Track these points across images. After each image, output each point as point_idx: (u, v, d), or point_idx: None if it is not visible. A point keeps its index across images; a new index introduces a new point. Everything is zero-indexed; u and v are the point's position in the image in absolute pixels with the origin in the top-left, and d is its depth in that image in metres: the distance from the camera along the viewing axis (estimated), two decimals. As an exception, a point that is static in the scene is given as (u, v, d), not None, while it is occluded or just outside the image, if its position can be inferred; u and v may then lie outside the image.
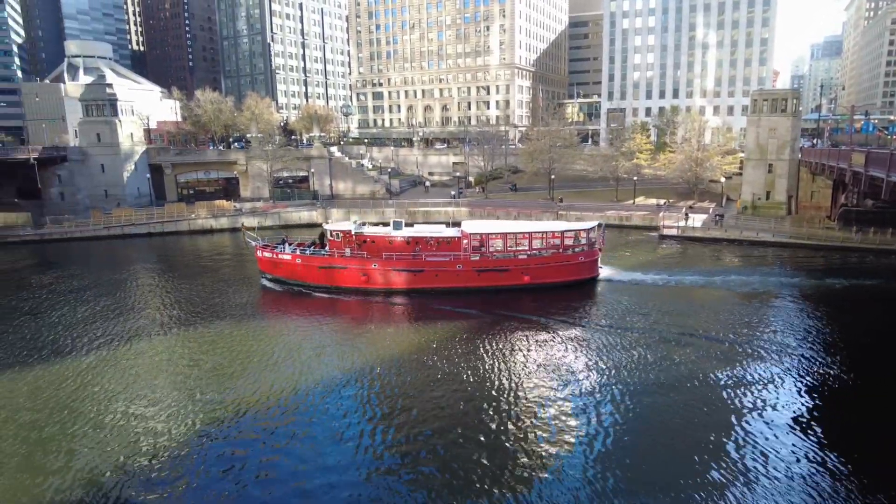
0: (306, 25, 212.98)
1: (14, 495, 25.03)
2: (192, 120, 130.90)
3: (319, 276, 55.74)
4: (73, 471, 26.34)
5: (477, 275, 53.14)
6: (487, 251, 53.79)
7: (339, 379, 35.24)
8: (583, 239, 54.75)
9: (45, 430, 29.95)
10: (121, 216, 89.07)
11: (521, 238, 54.16)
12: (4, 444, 28.74)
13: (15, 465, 26.94)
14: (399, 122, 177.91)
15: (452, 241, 54.07)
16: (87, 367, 38.03)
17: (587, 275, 54.84)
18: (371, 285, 54.23)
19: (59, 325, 46.85)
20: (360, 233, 55.53)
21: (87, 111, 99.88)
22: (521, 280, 53.13)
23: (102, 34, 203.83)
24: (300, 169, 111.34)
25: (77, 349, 41.40)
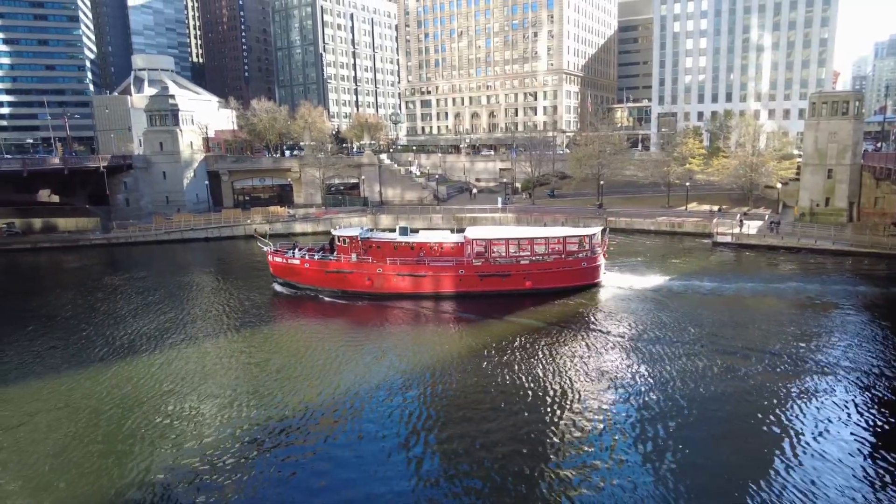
0: (357, 35, 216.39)
1: (71, 487, 26.01)
2: (248, 129, 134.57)
3: (327, 281, 56.85)
4: (130, 466, 27.24)
5: (479, 280, 53.87)
6: (490, 257, 54.51)
7: (367, 384, 35.42)
8: (585, 245, 55.05)
9: (103, 424, 31.11)
10: (181, 221, 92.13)
11: (522, 244, 54.91)
12: (66, 436, 30.03)
13: (75, 458, 28.07)
14: (446, 129, 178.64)
15: (456, 246, 55.07)
16: (149, 365, 39.41)
17: (589, 280, 55.03)
18: (376, 290, 55.05)
19: (124, 324, 48.76)
20: (366, 238, 57.07)
21: (151, 121, 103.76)
22: (522, 285, 53.54)
23: (166, 48, 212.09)
24: (351, 176, 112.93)
25: (140, 348, 42.97)
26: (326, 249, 59.29)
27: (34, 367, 39.81)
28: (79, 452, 28.57)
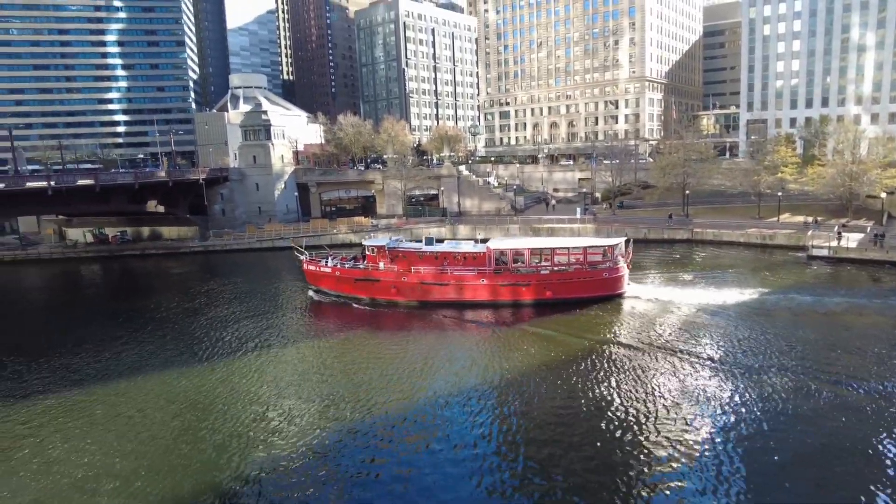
0: (438, 50, 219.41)
1: (152, 482, 27.32)
2: (335, 142, 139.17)
3: (355, 288, 58.69)
4: (222, 461, 28.42)
5: (500, 289, 54.33)
6: (510, 266, 54.82)
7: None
8: (607, 255, 54.58)
9: (201, 420, 32.72)
10: (271, 230, 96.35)
11: (543, 254, 55.37)
12: (149, 433, 31.70)
13: (155, 455, 29.53)
14: (525, 139, 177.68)
15: (478, 256, 55.38)
16: (236, 367, 41.24)
17: (611, 291, 54.19)
18: (401, 297, 56.48)
19: (219, 326, 51.39)
20: (393, 248, 57.95)
21: (246, 136, 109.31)
22: (543, 295, 53.57)
23: (259, 67, 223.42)
24: (431, 187, 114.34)
25: (231, 350, 45.09)
26: (359, 259, 60.85)
27: (144, 365, 42.57)
28: (178, 445, 30.21)
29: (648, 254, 76.15)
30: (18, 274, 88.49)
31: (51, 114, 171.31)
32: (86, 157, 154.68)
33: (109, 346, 47.03)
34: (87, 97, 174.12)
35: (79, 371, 41.84)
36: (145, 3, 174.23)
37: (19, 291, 78.94)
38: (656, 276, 63.66)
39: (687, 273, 64.43)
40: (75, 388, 38.55)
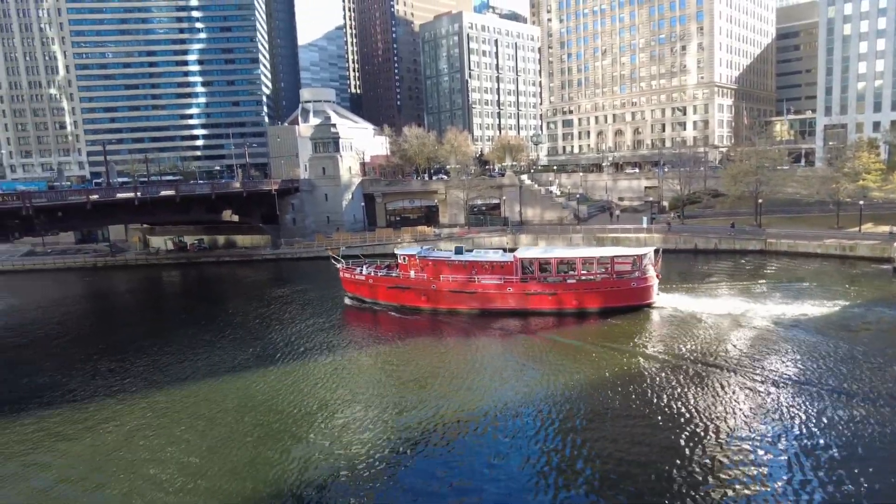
0: (501, 60, 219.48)
1: (225, 480, 28.22)
2: (400, 154, 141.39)
3: (387, 295, 60.31)
4: (280, 466, 29.15)
5: (526, 297, 54.69)
6: (536, 275, 54.94)
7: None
8: (636, 265, 53.87)
9: (269, 421, 33.72)
10: (339, 239, 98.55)
11: (569, 263, 55.11)
12: (224, 433, 32.82)
13: (228, 454, 30.51)
14: (588, 147, 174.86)
15: (505, 265, 55.67)
16: (308, 371, 42.34)
17: (638, 301, 53.53)
18: (430, 305, 57.68)
19: (288, 331, 52.92)
20: (424, 256, 58.84)
21: (315, 148, 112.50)
22: (569, 304, 53.68)
23: (328, 81, 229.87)
24: (493, 197, 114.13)
25: (301, 354, 46.38)
26: (392, 267, 62.13)
27: (221, 367, 44.38)
28: (251, 446, 31.23)
29: (716, 265, 73.36)
30: (109, 278, 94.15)
31: (139, 129, 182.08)
32: (168, 170, 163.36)
33: (189, 349, 49.27)
34: (171, 113, 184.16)
35: (162, 371, 44.02)
36: (223, 24, 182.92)
37: (109, 295, 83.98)
38: (724, 288, 61.04)
39: (758, 285, 61.57)
40: (158, 388, 40.57)
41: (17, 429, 35.13)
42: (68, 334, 58.93)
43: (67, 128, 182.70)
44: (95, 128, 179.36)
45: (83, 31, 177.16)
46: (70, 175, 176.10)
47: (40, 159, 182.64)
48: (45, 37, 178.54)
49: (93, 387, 41.46)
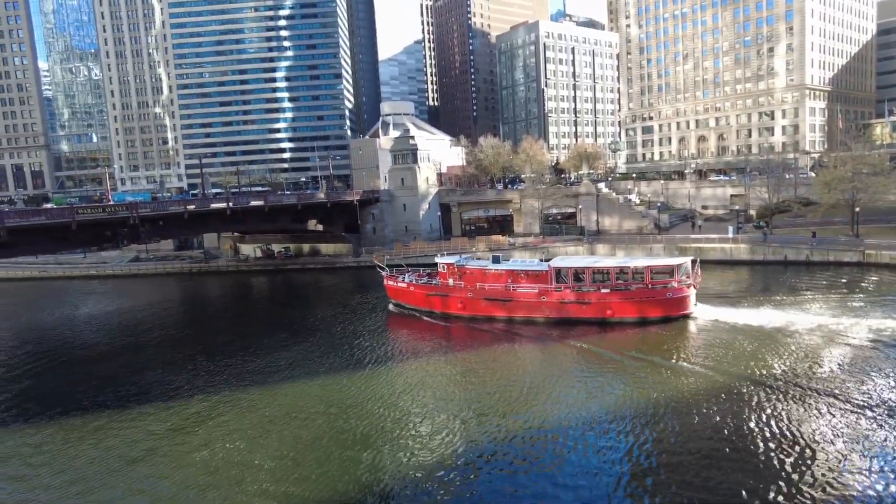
0: (578, 68, 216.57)
1: (300, 481, 29.08)
2: (475, 164, 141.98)
3: (427, 303, 61.93)
4: (362, 467, 29.82)
5: (561, 306, 55.01)
6: (571, 284, 55.08)
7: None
8: (672, 275, 53.35)
9: (343, 427, 34.60)
10: (416, 248, 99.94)
11: (604, 272, 55.41)
12: (300, 438, 33.81)
13: (305, 455, 31.46)
14: (669, 154, 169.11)
15: (540, 274, 56.21)
16: (385, 375, 43.23)
17: (674, 311, 52.90)
18: (467, 312, 58.81)
19: (366, 338, 54.26)
20: (462, 265, 59.91)
21: (395, 160, 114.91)
22: (603, 314, 53.53)
23: (407, 94, 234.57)
24: (568, 205, 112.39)
25: (377, 359, 47.49)
26: (434, 275, 63.47)
27: (302, 369, 46.12)
28: (329, 449, 32.20)
29: (805, 278, 68.86)
30: (203, 283, 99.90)
31: (231, 143, 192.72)
32: (257, 181, 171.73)
33: (274, 352, 51.45)
34: (260, 128, 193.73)
35: (249, 374, 46.18)
36: (308, 42, 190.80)
37: (203, 299, 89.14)
38: (814, 301, 57.10)
39: (855, 300, 57.21)
40: (245, 389, 42.58)
41: (116, 424, 37.79)
42: (167, 336, 62.97)
43: (169, 143, 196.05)
44: (193, 143, 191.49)
45: (184, 54, 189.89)
46: (170, 187, 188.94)
47: (145, 172, 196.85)
48: (152, 60, 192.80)
49: (187, 386, 44.05)
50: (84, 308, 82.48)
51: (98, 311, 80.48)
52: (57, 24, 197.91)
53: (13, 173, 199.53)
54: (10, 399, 44.59)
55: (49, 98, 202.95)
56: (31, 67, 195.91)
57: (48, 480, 30.83)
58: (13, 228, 56.43)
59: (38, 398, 44.06)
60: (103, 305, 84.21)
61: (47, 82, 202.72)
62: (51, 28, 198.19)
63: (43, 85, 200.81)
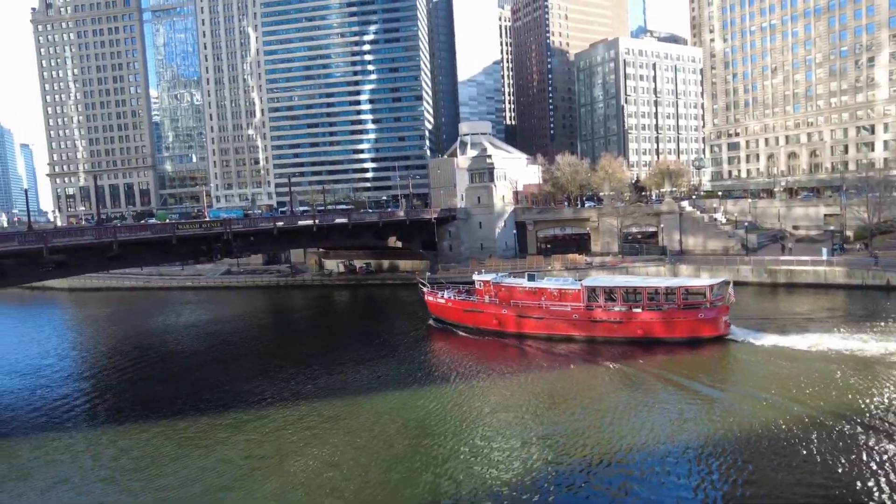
0: (659, 84, 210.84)
1: (375, 495, 29.43)
2: (552, 182, 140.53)
3: (463, 318, 63.41)
4: (429, 486, 29.82)
5: (592, 325, 55.18)
6: (602, 303, 55.15)
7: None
8: (704, 296, 53.24)
9: (415, 442, 34.79)
10: (491, 265, 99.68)
11: (635, 292, 55.47)
12: (379, 448, 34.21)
13: (381, 468, 31.76)
14: (757, 171, 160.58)
15: (572, 292, 56.61)
16: (456, 392, 43.20)
17: (707, 332, 52.32)
18: (501, 328, 59.85)
19: (440, 353, 54.78)
20: (498, 282, 61.34)
21: (472, 179, 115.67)
22: (634, 333, 53.35)
23: (485, 114, 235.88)
24: (649, 224, 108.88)
25: (448, 376, 47.69)
26: (472, 292, 64.82)
27: (380, 383, 47.14)
28: (404, 464, 32.53)
29: None
30: (289, 296, 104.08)
31: (317, 163, 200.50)
32: (341, 199, 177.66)
33: (354, 363, 52.86)
34: (345, 148, 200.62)
35: (329, 384, 47.66)
36: (391, 66, 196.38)
37: (289, 311, 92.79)
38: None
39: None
40: (325, 399, 43.96)
41: (205, 428, 39.80)
42: (256, 346, 65.98)
43: (260, 163, 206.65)
44: (282, 162, 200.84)
45: (276, 80, 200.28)
46: (261, 204, 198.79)
47: (238, 190, 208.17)
48: (247, 86, 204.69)
49: (275, 395, 45.89)
50: (181, 317, 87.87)
51: (194, 320, 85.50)
52: (166, 55, 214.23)
53: (124, 191, 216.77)
54: (108, 399, 48.19)
55: (157, 122, 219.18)
56: (144, 95, 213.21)
57: (139, 483, 32.78)
58: (123, 242, 61.08)
59: (135, 400, 47.36)
60: (198, 315, 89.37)
61: (156, 108, 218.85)
62: (161, 59, 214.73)
63: (152, 111, 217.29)
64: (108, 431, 40.58)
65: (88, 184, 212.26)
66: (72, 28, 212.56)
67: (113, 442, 38.62)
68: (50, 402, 47.02)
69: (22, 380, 54.74)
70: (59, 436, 39.89)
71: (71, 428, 41.45)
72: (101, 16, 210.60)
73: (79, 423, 42.43)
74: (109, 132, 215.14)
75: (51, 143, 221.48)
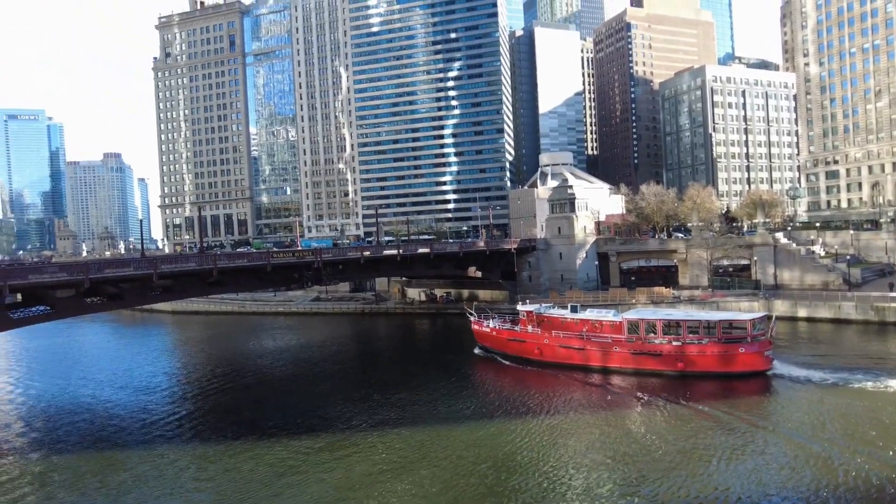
0: (749, 111, 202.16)
1: None
2: (636, 212, 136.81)
3: (506, 346, 64.61)
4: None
5: (632, 357, 55.19)
6: (643, 336, 55.12)
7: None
8: (744, 330, 52.83)
9: (486, 476, 34.32)
10: (572, 297, 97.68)
11: (675, 325, 55.15)
12: (451, 479, 34.04)
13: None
14: (860, 201, 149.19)
15: (614, 325, 56.76)
16: (530, 429, 42.42)
17: (748, 367, 51.91)
18: (542, 358, 60.21)
19: (519, 385, 54.26)
20: (541, 313, 62.44)
21: (552, 209, 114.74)
22: (674, 366, 53.33)
23: (566, 145, 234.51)
24: (741, 257, 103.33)
25: (524, 410, 47.21)
26: (517, 321, 65.45)
27: (456, 413, 47.18)
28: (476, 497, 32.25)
29: None
30: (373, 323, 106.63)
31: (402, 195, 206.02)
32: (424, 230, 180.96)
33: (434, 392, 53.35)
34: (428, 181, 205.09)
35: (410, 412, 48.34)
36: (474, 100, 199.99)
37: (373, 338, 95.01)
38: None
39: None
40: (405, 427, 44.74)
41: (290, 450, 41.19)
42: (341, 370, 68.00)
43: (349, 195, 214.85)
44: (369, 194, 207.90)
45: (365, 116, 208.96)
46: (348, 234, 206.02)
47: (328, 221, 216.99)
48: (338, 122, 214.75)
49: (358, 420, 46.97)
50: (274, 342, 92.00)
51: (285, 345, 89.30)
52: (265, 95, 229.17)
53: (224, 221, 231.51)
54: (209, 419, 50.99)
55: (255, 157, 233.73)
56: (244, 132, 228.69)
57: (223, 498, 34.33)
58: (222, 269, 65.11)
59: (233, 421, 49.85)
60: (289, 340, 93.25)
61: (255, 144, 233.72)
62: (260, 98, 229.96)
63: (251, 146, 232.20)
64: (209, 450, 42.86)
65: (193, 214, 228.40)
66: (185, 73, 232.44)
67: (214, 460, 40.77)
68: (157, 419, 50.46)
69: (134, 395, 59.13)
70: (164, 451, 42.70)
71: (175, 444, 44.24)
72: (211, 61, 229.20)
73: (183, 440, 45.21)
74: (213, 167, 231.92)
75: (163, 178, 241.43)
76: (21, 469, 40.28)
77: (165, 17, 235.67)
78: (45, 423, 51.35)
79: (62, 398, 59.27)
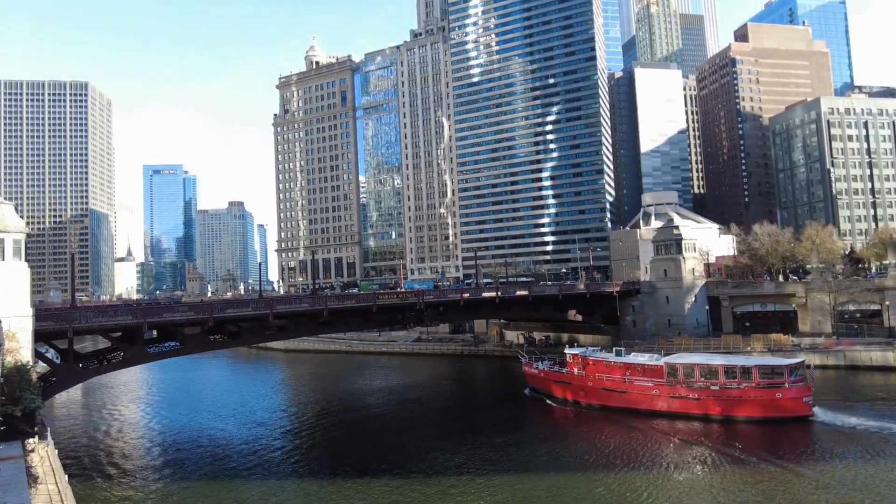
0: (873, 143, 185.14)
1: None
2: (749, 253, 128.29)
3: (553, 388, 67.28)
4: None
5: (672, 400, 56.41)
6: (682, 380, 56.44)
7: None
8: (781, 376, 52.90)
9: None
10: (680, 344, 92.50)
11: (712, 370, 55.83)
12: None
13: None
14: None
15: (655, 368, 58.16)
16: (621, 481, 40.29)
17: (785, 413, 51.99)
18: (586, 400, 62.75)
19: (612, 435, 51.59)
20: (585, 356, 64.55)
21: (657, 250, 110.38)
22: (712, 410, 54.25)
23: (670, 184, 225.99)
24: (870, 302, 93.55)
25: (614, 460, 44.64)
26: (564, 364, 67.52)
27: (554, 460, 45.65)
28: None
29: None
30: (471, 365, 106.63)
31: (501, 238, 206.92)
32: (522, 272, 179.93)
33: (531, 438, 52.11)
34: (526, 223, 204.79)
35: (506, 457, 47.54)
36: (573, 143, 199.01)
37: (471, 380, 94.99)
38: None
39: None
40: (512, 474, 44.03)
41: (392, 488, 41.60)
42: (440, 411, 68.58)
43: (449, 238, 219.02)
44: (469, 238, 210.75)
45: (465, 162, 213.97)
46: (449, 276, 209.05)
47: (430, 263, 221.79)
48: (440, 169, 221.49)
49: (457, 461, 46.96)
50: (378, 380, 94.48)
51: (388, 384, 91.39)
52: (374, 145, 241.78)
53: (334, 264, 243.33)
54: (313, 453, 52.93)
55: (363, 204, 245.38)
56: (355, 181, 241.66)
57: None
58: (332, 310, 68.30)
59: (338, 456, 51.72)
60: (392, 380, 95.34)
61: (363, 191, 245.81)
62: (369, 149, 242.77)
63: (361, 194, 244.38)
64: (313, 484, 44.54)
65: (307, 257, 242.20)
66: (301, 128, 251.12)
67: (316, 494, 42.18)
68: (267, 451, 53.16)
69: (248, 429, 62.87)
70: (270, 481, 44.85)
71: (281, 476, 46.38)
72: (324, 116, 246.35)
73: (286, 473, 47.36)
74: (325, 213, 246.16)
75: (280, 224, 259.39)
76: (146, 490, 43.82)
77: (285, 77, 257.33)
78: (175, 449, 55.70)
79: (189, 428, 64.15)
